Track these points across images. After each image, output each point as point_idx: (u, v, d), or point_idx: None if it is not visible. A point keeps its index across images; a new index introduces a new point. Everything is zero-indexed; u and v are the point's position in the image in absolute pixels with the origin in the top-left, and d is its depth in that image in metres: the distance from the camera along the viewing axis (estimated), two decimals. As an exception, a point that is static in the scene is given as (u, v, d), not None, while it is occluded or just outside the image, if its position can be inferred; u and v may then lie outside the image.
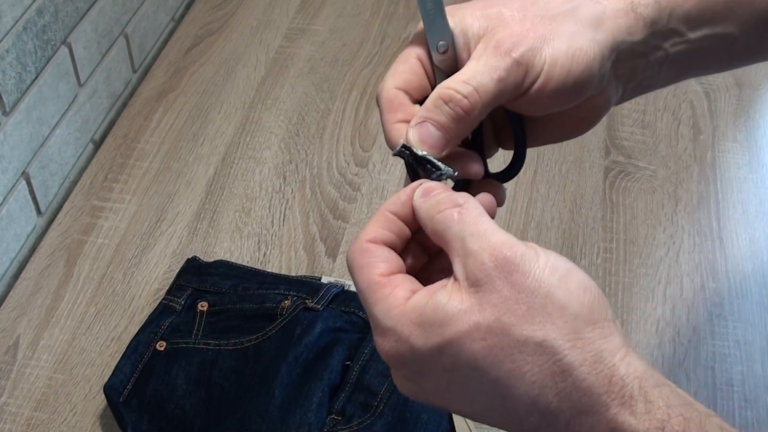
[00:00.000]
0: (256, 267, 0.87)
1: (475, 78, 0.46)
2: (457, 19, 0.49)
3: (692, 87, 1.10)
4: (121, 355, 0.77)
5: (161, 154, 1.01)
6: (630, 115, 1.06)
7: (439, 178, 0.47)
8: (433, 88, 0.48)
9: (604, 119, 1.05)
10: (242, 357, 0.76)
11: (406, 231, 0.46)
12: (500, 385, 0.41)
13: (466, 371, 0.41)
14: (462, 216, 0.43)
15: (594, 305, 0.41)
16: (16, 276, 0.89)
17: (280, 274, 0.86)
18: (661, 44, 0.51)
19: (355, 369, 0.75)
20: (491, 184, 0.52)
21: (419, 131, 0.47)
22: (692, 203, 0.96)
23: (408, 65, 0.49)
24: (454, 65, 0.48)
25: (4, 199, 0.87)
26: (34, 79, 0.89)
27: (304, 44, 1.17)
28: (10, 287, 0.87)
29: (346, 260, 0.46)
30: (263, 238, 0.91)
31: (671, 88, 1.10)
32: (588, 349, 0.40)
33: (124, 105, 1.08)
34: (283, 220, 0.93)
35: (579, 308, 0.41)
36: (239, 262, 0.88)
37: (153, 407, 0.74)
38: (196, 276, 0.84)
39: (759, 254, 0.91)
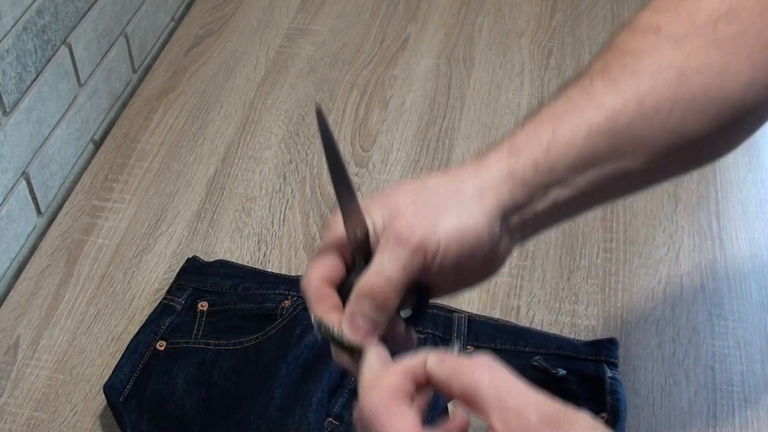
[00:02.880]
0: (256, 267, 0.87)
1: (383, 271, 0.52)
2: (366, 214, 0.54)
3: (692, 87, 1.10)
4: (121, 355, 0.77)
5: (161, 154, 1.01)
6: (630, 115, 1.06)
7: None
8: (351, 269, 0.55)
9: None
10: (242, 357, 0.76)
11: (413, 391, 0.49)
12: None
13: None
14: (493, 374, 0.45)
15: None
16: (16, 276, 0.89)
17: (280, 274, 0.86)
18: (545, 197, 0.55)
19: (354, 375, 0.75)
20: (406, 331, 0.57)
21: (351, 323, 0.53)
22: (692, 203, 0.96)
23: (329, 259, 0.55)
24: (368, 248, 0.55)
25: (4, 199, 0.87)
26: (34, 79, 0.89)
27: (304, 44, 1.17)
28: (10, 287, 0.87)
29: (365, 411, 0.46)
30: (263, 238, 0.91)
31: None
32: None
33: (124, 105, 1.08)
34: (283, 220, 0.93)
35: None
36: (239, 262, 0.88)
37: (153, 407, 0.74)
38: (196, 276, 0.84)
39: (759, 254, 0.91)
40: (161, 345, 0.77)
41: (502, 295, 0.86)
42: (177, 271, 0.86)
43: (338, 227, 0.55)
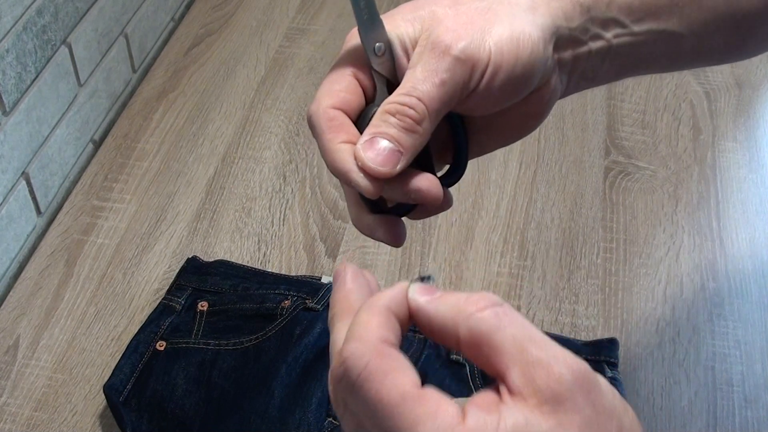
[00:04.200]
0: (256, 267, 0.87)
1: (417, 87, 0.43)
2: (390, 26, 0.46)
3: (692, 87, 1.10)
4: (121, 355, 0.77)
5: (161, 154, 1.01)
6: (630, 115, 1.06)
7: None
8: (371, 100, 0.46)
9: (604, 119, 1.05)
10: (242, 357, 0.76)
11: (400, 336, 0.39)
12: None
13: None
14: (511, 318, 0.36)
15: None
16: (16, 276, 0.89)
17: (280, 274, 0.86)
18: (601, 33, 0.49)
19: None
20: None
21: (370, 147, 0.43)
22: (692, 203, 0.96)
23: (344, 83, 0.46)
24: (393, 71, 0.46)
25: (4, 199, 0.87)
26: (34, 79, 0.89)
27: (304, 44, 1.17)
28: (10, 287, 0.87)
29: (350, 369, 0.36)
30: (263, 238, 0.91)
31: (671, 87, 1.10)
32: None
33: (124, 105, 1.08)
34: (283, 220, 0.93)
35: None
36: (239, 262, 0.88)
37: (153, 407, 0.74)
38: (196, 276, 0.84)
39: (759, 254, 0.91)
40: (161, 345, 0.77)
41: (502, 295, 0.86)
42: (177, 271, 0.86)
43: (354, 41, 0.46)
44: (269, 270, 0.87)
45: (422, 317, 0.38)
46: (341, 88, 0.46)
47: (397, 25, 0.46)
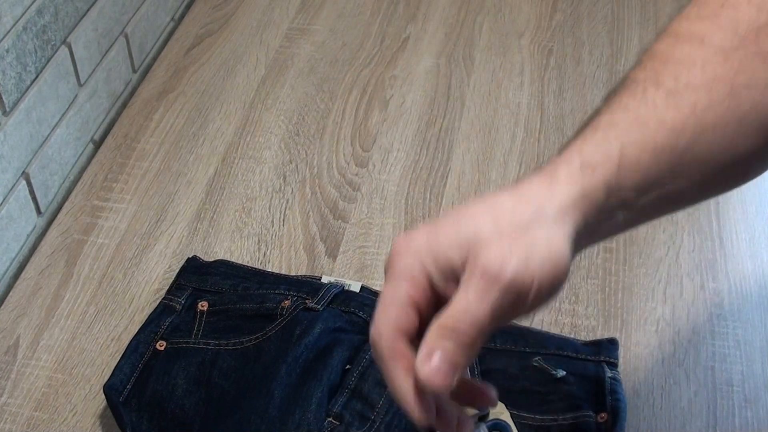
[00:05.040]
0: (256, 267, 0.87)
1: (469, 309, 0.46)
2: (435, 246, 0.49)
3: (692, 87, 1.10)
4: (121, 355, 0.77)
5: (161, 154, 1.01)
6: (630, 115, 1.06)
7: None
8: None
9: (604, 119, 1.05)
10: (242, 357, 0.76)
11: None
12: None
13: None
14: None
15: None
16: (16, 276, 0.89)
17: (281, 274, 0.86)
18: (610, 219, 0.52)
19: (354, 374, 0.75)
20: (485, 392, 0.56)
21: (427, 361, 0.47)
22: (692, 203, 0.96)
23: (400, 304, 0.50)
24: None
25: (4, 199, 0.87)
26: (34, 79, 0.89)
27: (304, 44, 1.17)
28: (10, 287, 0.87)
29: None
30: (263, 238, 0.91)
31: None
32: None
33: (124, 105, 1.08)
34: (283, 220, 0.93)
35: None
36: (239, 262, 0.88)
37: (152, 407, 0.74)
38: (197, 276, 0.84)
39: (759, 254, 0.91)
40: (161, 345, 0.77)
41: (502, 295, 0.86)
42: (177, 271, 0.86)
43: (409, 260, 0.50)
44: (269, 270, 0.87)
45: None
46: (398, 310, 0.49)
47: (442, 248, 0.49)
